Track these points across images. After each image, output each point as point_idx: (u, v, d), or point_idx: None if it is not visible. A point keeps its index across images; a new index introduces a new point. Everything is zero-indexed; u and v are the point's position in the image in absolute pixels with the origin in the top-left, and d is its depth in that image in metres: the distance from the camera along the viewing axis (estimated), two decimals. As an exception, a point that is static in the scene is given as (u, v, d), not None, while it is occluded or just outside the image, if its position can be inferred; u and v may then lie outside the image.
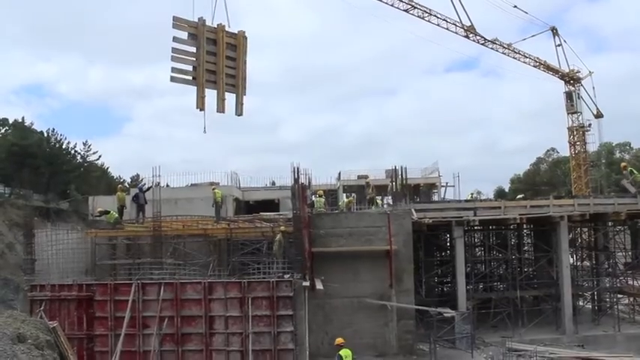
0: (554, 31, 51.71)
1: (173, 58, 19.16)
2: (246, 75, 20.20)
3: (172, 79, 19.47)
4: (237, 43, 19.74)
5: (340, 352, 16.88)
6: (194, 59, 19.22)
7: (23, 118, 51.97)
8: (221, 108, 19.75)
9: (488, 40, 49.27)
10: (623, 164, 32.73)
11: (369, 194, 28.64)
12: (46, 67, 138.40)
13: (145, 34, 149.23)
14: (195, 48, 19.22)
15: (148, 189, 25.77)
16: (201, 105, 19.43)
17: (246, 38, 20.10)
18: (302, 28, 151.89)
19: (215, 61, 19.45)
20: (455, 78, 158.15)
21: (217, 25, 19.54)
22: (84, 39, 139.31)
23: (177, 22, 19.20)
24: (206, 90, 19.28)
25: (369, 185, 31.15)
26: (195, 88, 19.35)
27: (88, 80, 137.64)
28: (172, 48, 19.08)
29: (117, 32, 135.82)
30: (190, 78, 19.43)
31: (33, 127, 51.42)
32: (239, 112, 20.10)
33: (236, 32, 19.93)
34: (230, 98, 19.79)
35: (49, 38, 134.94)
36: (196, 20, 19.17)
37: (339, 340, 17.63)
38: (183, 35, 19.12)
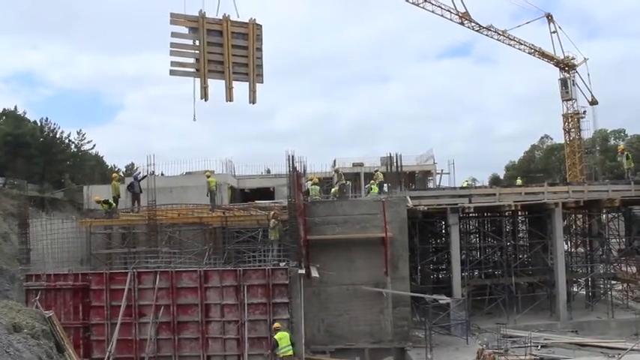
0: (549, 18, 51.57)
1: (172, 53, 19.17)
2: (262, 63, 20.14)
3: (172, 72, 19.49)
4: (247, 32, 19.66)
5: (275, 336, 17.99)
6: (196, 52, 19.18)
7: (16, 107, 51.75)
8: (229, 97, 19.81)
9: (483, 27, 49.15)
10: (620, 147, 32.77)
11: (339, 182, 28.65)
12: (35, 55, 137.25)
13: (136, 22, 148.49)
14: (196, 41, 19.18)
15: (143, 178, 25.70)
16: (204, 95, 19.47)
17: (259, 26, 19.95)
18: (293, 14, 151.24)
19: (222, 51, 19.40)
20: (448, 64, 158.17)
21: (222, 15, 19.46)
22: (72, 26, 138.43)
23: (175, 18, 19.16)
24: (211, 80, 19.35)
25: (337, 172, 31.18)
26: (195, 79, 19.39)
27: (78, 69, 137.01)
28: (171, 43, 19.04)
29: (106, 19, 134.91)
30: (192, 70, 19.45)
31: (26, 116, 51.23)
32: (252, 100, 20.14)
33: (246, 21, 19.83)
34: (242, 87, 19.87)
35: (35, 25, 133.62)
36: (195, 14, 19.15)
37: (276, 325, 18.82)
38: (183, 29, 19.08)
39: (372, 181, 28.08)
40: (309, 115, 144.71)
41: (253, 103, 19.95)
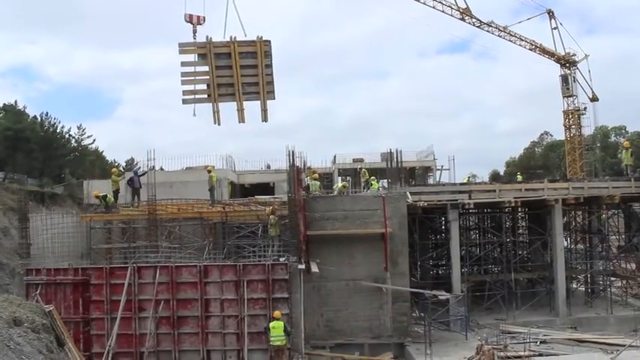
0: (550, 14, 51.35)
1: (183, 82, 19.14)
2: (272, 79, 19.98)
3: (184, 101, 19.53)
4: (256, 50, 19.53)
5: (270, 324, 19.15)
6: (207, 77, 19.15)
7: (16, 101, 51.60)
8: (241, 118, 19.81)
9: (484, 23, 48.89)
10: (626, 143, 32.71)
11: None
12: (32, 50, 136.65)
13: (131, 16, 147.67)
14: (205, 67, 19.16)
15: (144, 173, 25.73)
16: (217, 120, 19.45)
17: (267, 42, 19.79)
18: (291, 10, 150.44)
19: (231, 73, 19.33)
20: (447, 60, 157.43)
21: (229, 37, 19.43)
22: (69, 21, 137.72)
23: (184, 47, 19.17)
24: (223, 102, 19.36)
25: (309, 169, 31.19)
26: (206, 103, 19.39)
27: (76, 63, 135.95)
28: (182, 72, 19.03)
29: (102, 14, 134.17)
30: (204, 96, 19.44)
31: (26, 110, 51.12)
32: (264, 118, 20.01)
33: (254, 39, 19.70)
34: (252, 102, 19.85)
35: (33, 20, 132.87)
36: (202, 41, 19.16)
37: (274, 314, 19.55)
38: (191, 57, 19.07)
39: (372, 177, 28.11)
40: (307, 110, 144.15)
41: (265, 122, 19.90)
